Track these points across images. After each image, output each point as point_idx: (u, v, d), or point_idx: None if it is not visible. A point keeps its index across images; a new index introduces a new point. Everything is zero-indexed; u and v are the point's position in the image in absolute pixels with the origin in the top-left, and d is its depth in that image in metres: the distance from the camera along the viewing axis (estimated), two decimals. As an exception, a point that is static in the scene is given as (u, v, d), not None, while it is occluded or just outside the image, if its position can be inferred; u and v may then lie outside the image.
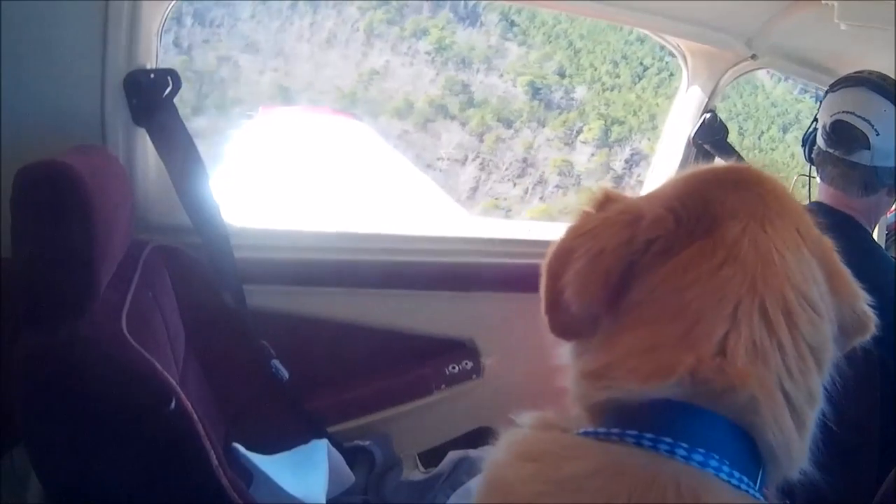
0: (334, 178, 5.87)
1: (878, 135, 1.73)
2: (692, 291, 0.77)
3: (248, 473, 1.54)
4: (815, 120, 1.88)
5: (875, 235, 1.97)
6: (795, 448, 0.78)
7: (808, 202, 1.93)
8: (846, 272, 0.88)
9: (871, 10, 1.77)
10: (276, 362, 1.77)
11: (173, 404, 1.11)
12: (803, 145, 1.94)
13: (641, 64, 15.42)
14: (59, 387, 1.07)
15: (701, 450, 0.72)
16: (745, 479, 0.74)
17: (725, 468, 0.72)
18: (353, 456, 1.85)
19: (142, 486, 1.13)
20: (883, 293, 1.70)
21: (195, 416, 1.14)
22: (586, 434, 0.76)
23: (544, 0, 2.04)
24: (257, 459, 1.56)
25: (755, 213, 0.82)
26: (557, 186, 12.38)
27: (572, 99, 14.35)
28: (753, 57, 2.10)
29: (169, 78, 1.60)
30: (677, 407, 0.74)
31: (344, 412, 1.94)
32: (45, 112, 1.48)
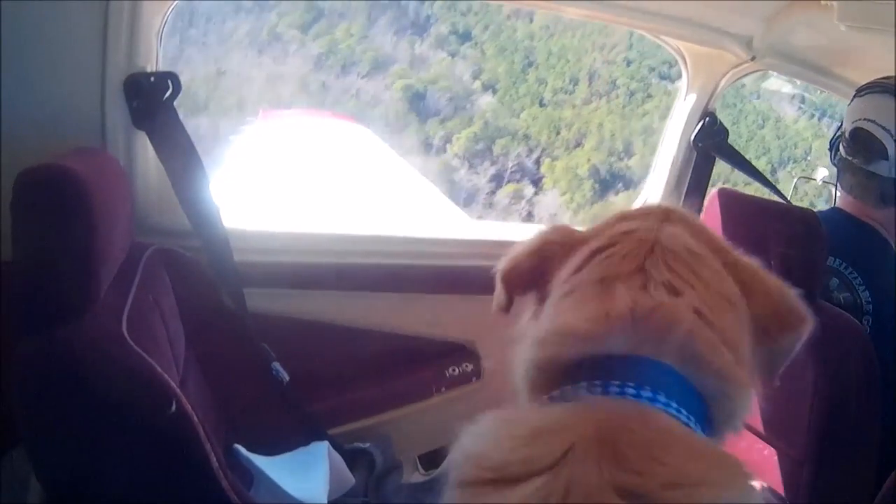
0: (334, 181, 5.88)
1: None
2: (604, 263, 0.87)
3: (249, 475, 1.54)
4: (841, 125, 1.85)
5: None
6: (740, 376, 0.82)
7: (828, 208, 1.91)
8: (759, 272, 0.92)
9: (871, 11, 1.76)
10: (276, 365, 1.77)
11: (174, 407, 1.11)
12: (830, 149, 1.91)
13: (614, 84, 15.55)
14: (60, 389, 1.07)
15: (648, 387, 0.77)
16: (693, 417, 0.79)
17: (673, 404, 0.77)
18: (353, 458, 1.85)
19: (142, 488, 1.13)
20: None
21: (195, 418, 1.14)
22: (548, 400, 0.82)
23: (545, 1, 2.04)
24: (258, 460, 1.56)
25: (655, 216, 0.92)
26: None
27: (465, 108, 14.60)
28: (753, 59, 2.10)
29: (169, 81, 1.60)
30: (619, 358, 0.80)
31: (344, 414, 1.94)
32: (45, 115, 1.48)
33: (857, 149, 1.74)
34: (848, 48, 2.06)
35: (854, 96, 1.80)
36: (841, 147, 1.80)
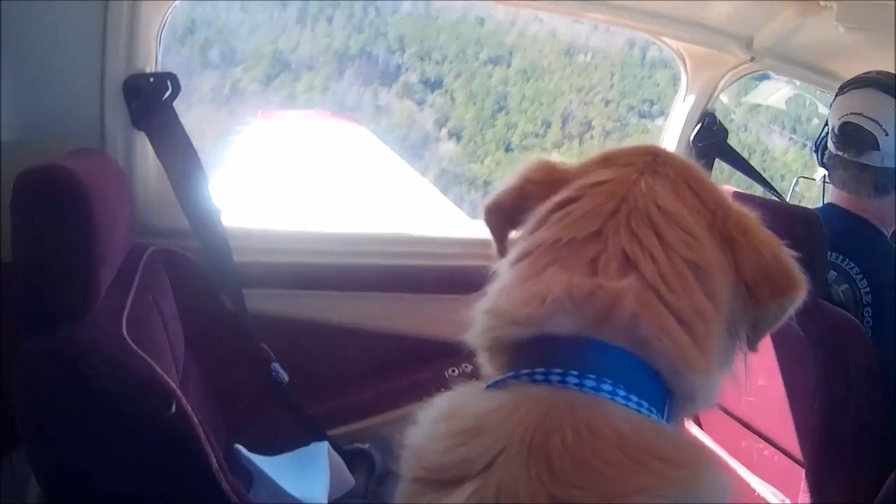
0: (335, 181, 5.88)
1: (887, 135, 1.71)
2: (561, 223, 0.82)
3: (249, 475, 1.54)
4: (826, 125, 1.87)
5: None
6: (694, 360, 0.76)
7: (820, 205, 1.92)
8: (753, 229, 0.85)
9: (870, 12, 1.77)
10: (276, 365, 1.77)
11: (173, 408, 1.10)
12: (815, 150, 1.92)
13: (588, 125, 15.53)
14: (60, 390, 1.07)
15: (592, 376, 0.73)
16: (645, 402, 0.74)
17: (621, 392, 0.73)
18: (352, 459, 1.85)
19: (142, 490, 1.13)
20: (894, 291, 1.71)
21: (195, 419, 1.14)
22: (491, 386, 0.79)
23: (545, 2, 2.04)
24: (258, 461, 1.56)
25: (635, 165, 0.86)
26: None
27: (421, 156, 14.64)
28: (752, 59, 2.11)
29: (168, 81, 1.60)
30: (566, 340, 0.75)
31: (344, 415, 1.94)
32: (45, 116, 1.48)
33: (847, 142, 1.76)
34: (847, 49, 2.06)
35: (837, 94, 1.82)
36: (830, 144, 1.82)
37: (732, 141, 2.31)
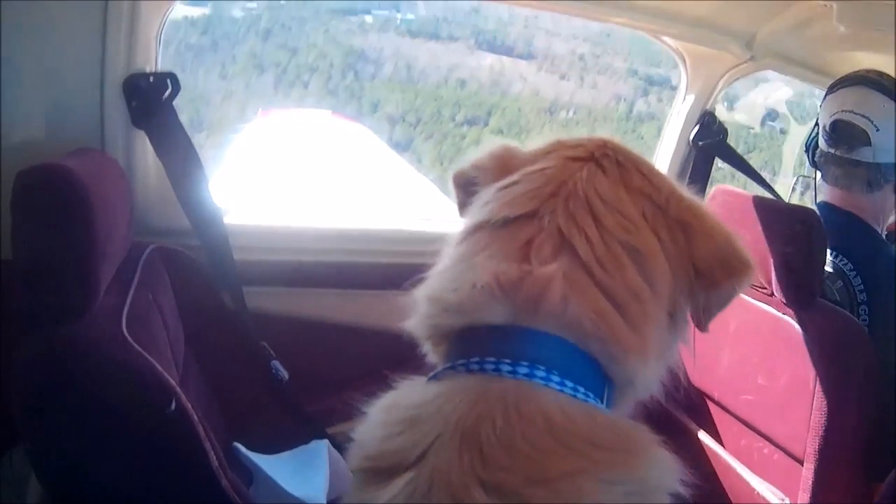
0: (334, 178, 5.88)
1: (878, 131, 1.73)
2: (500, 204, 0.83)
3: (249, 473, 1.54)
4: (817, 124, 1.89)
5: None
6: (628, 340, 0.77)
7: (814, 204, 1.93)
8: (702, 214, 0.86)
9: (870, 11, 1.77)
10: (275, 363, 1.77)
11: (173, 405, 1.10)
12: (806, 150, 1.94)
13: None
14: (59, 388, 1.07)
15: (525, 363, 0.74)
16: (582, 388, 0.75)
17: (555, 378, 0.74)
18: (352, 457, 1.84)
19: (141, 488, 1.13)
20: (892, 290, 1.72)
21: (195, 417, 1.14)
22: (432, 378, 0.81)
23: (545, 2, 2.04)
24: (257, 459, 1.56)
25: (582, 151, 0.87)
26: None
27: None
28: (752, 59, 2.11)
29: (168, 81, 1.60)
30: (499, 330, 0.76)
31: (344, 413, 1.94)
32: (44, 115, 1.48)
33: (838, 139, 1.79)
34: (847, 49, 2.06)
35: (827, 93, 1.85)
36: (821, 142, 1.84)
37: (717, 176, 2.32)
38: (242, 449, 1.56)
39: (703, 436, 1.77)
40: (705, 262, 0.83)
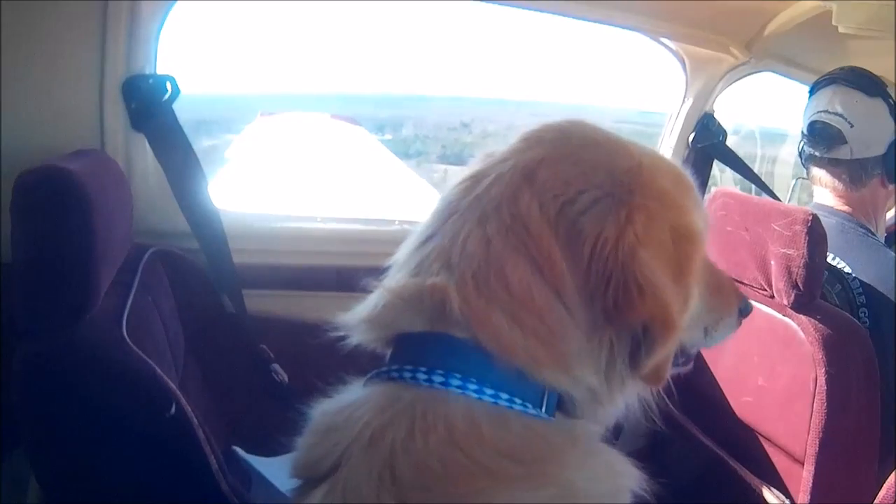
0: (333, 180, 5.87)
1: (852, 127, 1.76)
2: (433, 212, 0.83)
3: (248, 476, 1.54)
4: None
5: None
6: (534, 353, 0.73)
7: (809, 205, 1.93)
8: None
9: (870, 12, 1.77)
10: (275, 366, 1.77)
11: (173, 409, 1.10)
12: (799, 155, 1.95)
13: None
14: (59, 391, 1.07)
15: (440, 371, 0.73)
16: (505, 395, 0.72)
17: (472, 385, 0.72)
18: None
19: (141, 491, 1.12)
20: (886, 288, 1.72)
21: (195, 420, 1.13)
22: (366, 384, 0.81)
23: (545, 1, 2.03)
24: (257, 462, 1.56)
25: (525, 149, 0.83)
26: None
27: None
28: (752, 60, 2.11)
29: (168, 83, 1.60)
30: (416, 337, 0.77)
31: (344, 415, 1.94)
32: (44, 116, 1.48)
33: (817, 141, 1.81)
34: (846, 49, 2.07)
35: (808, 96, 1.87)
36: (804, 145, 1.86)
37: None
38: (241, 452, 1.56)
39: (702, 436, 1.76)
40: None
